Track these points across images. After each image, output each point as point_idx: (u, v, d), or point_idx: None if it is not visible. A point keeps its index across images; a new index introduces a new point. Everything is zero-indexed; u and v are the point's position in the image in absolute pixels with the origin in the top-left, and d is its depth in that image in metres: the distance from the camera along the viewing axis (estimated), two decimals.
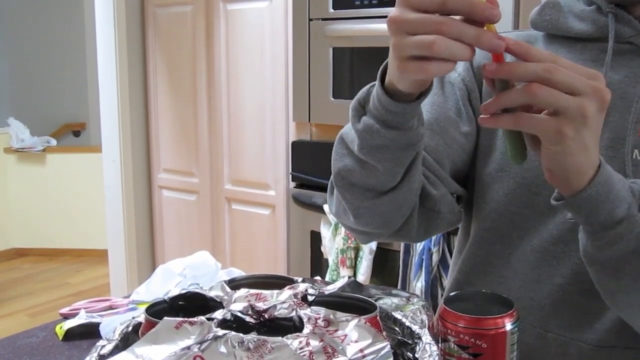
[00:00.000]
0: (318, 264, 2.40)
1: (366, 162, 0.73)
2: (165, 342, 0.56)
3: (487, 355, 0.63)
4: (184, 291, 0.71)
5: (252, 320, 0.64)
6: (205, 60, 2.74)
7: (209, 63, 2.73)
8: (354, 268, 2.16)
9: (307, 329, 0.59)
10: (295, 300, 0.66)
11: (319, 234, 2.33)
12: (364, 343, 0.57)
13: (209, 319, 0.61)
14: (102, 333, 0.96)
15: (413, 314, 0.70)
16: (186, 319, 0.58)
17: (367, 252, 2.12)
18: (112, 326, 0.86)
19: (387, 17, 0.59)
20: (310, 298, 0.68)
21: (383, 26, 0.98)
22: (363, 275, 2.12)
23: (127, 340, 0.65)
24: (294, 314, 0.63)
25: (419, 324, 0.67)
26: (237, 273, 1.11)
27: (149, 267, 3.12)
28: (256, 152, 2.63)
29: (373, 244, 2.12)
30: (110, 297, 1.13)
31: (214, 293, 0.70)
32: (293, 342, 0.56)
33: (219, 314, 0.64)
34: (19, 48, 5.08)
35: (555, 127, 0.58)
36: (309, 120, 2.37)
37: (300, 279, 0.77)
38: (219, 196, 2.81)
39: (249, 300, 0.66)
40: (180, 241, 3.02)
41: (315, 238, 2.38)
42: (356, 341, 0.57)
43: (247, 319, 0.64)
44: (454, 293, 0.70)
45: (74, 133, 5.19)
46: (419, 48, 0.56)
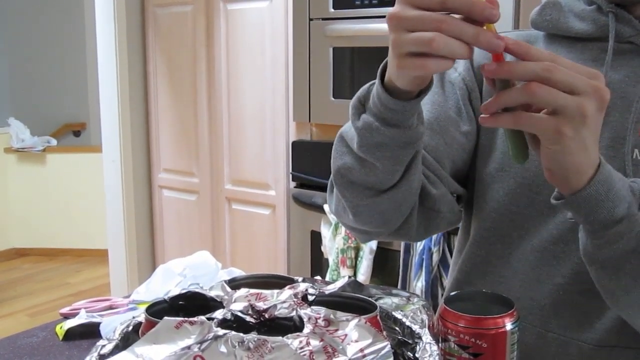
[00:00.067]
0: (318, 264, 2.40)
1: (365, 160, 0.73)
2: (166, 341, 0.56)
3: (487, 355, 0.63)
4: (184, 291, 0.71)
5: (253, 320, 0.64)
6: (205, 60, 2.74)
7: (209, 63, 2.73)
8: (354, 268, 2.15)
9: (307, 328, 0.59)
10: (296, 300, 0.66)
11: (319, 233, 2.33)
12: (364, 343, 0.57)
13: (209, 319, 0.61)
14: (102, 333, 0.96)
15: (413, 314, 0.70)
16: (186, 318, 0.58)
17: (367, 251, 2.12)
18: (112, 326, 0.86)
19: (387, 14, 0.59)
20: (310, 298, 0.68)
21: (383, 26, 0.98)
22: (363, 275, 2.12)
23: (128, 340, 0.65)
24: (294, 313, 0.63)
25: (419, 324, 0.67)
26: (237, 273, 1.11)
27: (149, 267, 3.12)
28: (256, 152, 2.63)
29: (373, 244, 2.11)
30: (111, 297, 1.13)
31: (214, 293, 0.70)
32: (293, 341, 0.56)
33: (219, 314, 0.64)
34: (19, 48, 5.08)
35: (555, 126, 0.58)
36: (309, 120, 2.37)
37: (300, 279, 0.77)
38: (219, 196, 2.81)
39: (249, 300, 0.66)
40: (180, 241, 3.02)
41: (316, 238, 2.38)
42: (356, 341, 0.57)
43: (248, 318, 0.64)
44: (454, 293, 0.70)
45: (74, 133, 5.19)
46: (418, 45, 0.57)
